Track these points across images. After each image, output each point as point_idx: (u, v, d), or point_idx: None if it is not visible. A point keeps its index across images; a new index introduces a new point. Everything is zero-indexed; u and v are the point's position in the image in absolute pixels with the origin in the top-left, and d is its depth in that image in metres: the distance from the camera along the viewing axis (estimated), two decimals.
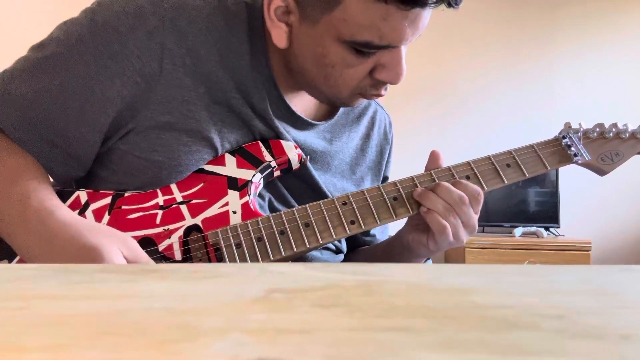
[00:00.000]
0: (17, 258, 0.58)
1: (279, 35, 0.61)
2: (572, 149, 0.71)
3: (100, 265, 0.48)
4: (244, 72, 0.65)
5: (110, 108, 0.60)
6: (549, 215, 2.76)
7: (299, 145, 0.69)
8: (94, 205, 0.61)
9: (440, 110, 3.04)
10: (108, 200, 0.61)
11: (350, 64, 0.60)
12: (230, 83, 0.64)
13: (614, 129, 0.73)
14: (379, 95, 0.65)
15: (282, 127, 0.68)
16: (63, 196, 0.60)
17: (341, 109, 0.77)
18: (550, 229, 2.74)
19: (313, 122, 0.72)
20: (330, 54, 0.59)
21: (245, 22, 0.66)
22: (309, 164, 0.70)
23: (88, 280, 0.24)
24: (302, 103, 0.72)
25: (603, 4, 3.03)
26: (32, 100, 0.59)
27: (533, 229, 2.67)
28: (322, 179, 0.72)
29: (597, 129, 0.73)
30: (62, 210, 0.55)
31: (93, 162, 0.64)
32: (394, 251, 0.73)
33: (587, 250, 2.50)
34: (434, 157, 0.69)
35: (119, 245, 0.53)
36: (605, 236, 2.90)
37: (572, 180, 2.75)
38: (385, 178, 0.85)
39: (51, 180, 0.63)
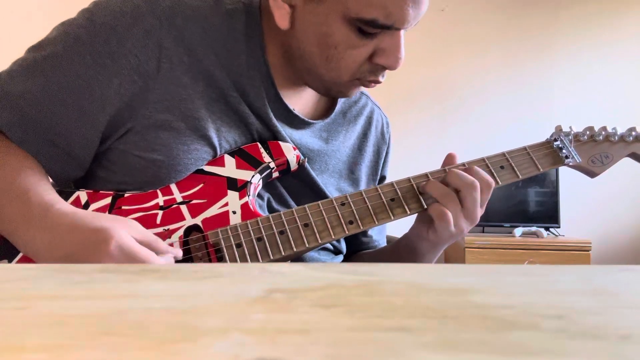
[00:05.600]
0: (17, 258, 0.59)
1: (281, 16, 0.62)
2: (564, 151, 0.72)
3: (100, 265, 0.48)
4: (241, 70, 0.66)
5: (109, 107, 0.60)
6: (549, 215, 2.76)
7: (295, 144, 0.69)
8: (94, 206, 0.61)
9: (440, 111, 3.04)
10: (108, 200, 0.61)
11: (353, 44, 0.60)
12: (227, 81, 0.65)
13: (603, 132, 0.74)
14: (377, 81, 0.65)
15: (279, 125, 0.68)
16: (63, 196, 0.60)
17: (337, 108, 0.77)
18: (550, 229, 2.74)
19: (310, 120, 0.72)
20: (335, 33, 0.60)
21: (242, 20, 0.66)
22: (307, 164, 0.70)
23: (88, 280, 0.24)
24: (299, 102, 0.72)
25: (603, 5, 3.03)
26: (31, 100, 0.59)
27: (533, 229, 2.67)
28: (320, 179, 0.72)
29: (587, 132, 0.75)
30: (61, 204, 0.55)
31: (92, 162, 0.64)
32: (400, 254, 0.74)
33: (587, 250, 2.50)
34: (451, 159, 0.69)
35: (126, 228, 0.53)
36: (605, 236, 2.90)
37: (572, 180, 2.75)
38: (383, 178, 0.85)
39: (50, 181, 0.63)
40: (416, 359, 0.14)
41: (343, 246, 0.78)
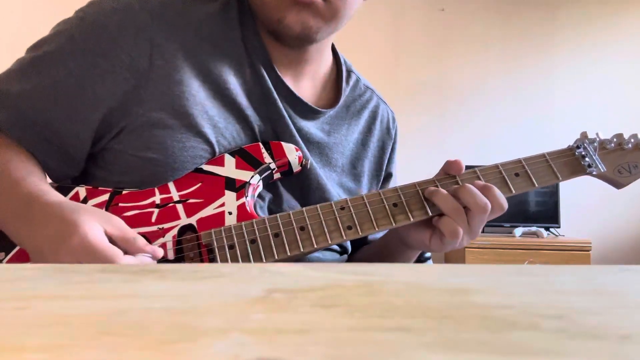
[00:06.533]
0: (14, 251, 0.59)
1: None
2: (587, 159, 0.68)
3: (100, 265, 0.48)
4: (240, 57, 0.66)
5: (102, 105, 0.60)
6: (549, 215, 2.76)
7: (297, 130, 0.69)
8: (92, 202, 0.61)
9: (440, 110, 3.04)
10: (106, 197, 0.61)
11: None
12: (224, 74, 0.64)
13: (632, 140, 0.70)
14: None
15: (284, 109, 0.68)
16: (62, 191, 0.60)
17: (341, 102, 0.76)
18: (550, 229, 2.74)
19: (317, 108, 0.71)
20: None
21: (235, 7, 0.67)
22: (312, 161, 0.70)
23: (88, 280, 0.24)
24: (300, 91, 0.71)
25: (603, 5, 3.03)
26: (26, 98, 0.60)
27: (533, 229, 2.67)
28: (321, 172, 0.71)
29: (615, 140, 0.70)
30: (49, 195, 0.55)
31: (89, 162, 0.64)
32: (390, 246, 0.73)
33: (587, 250, 2.50)
34: (458, 167, 0.65)
35: (102, 222, 0.51)
36: (605, 236, 2.90)
37: (572, 180, 2.75)
38: (389, 175, 0.83)
39: (49, 180, 0.64)
40: (416, 359, 0.14)
41: (349, 245, 0.77)
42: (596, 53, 3.02)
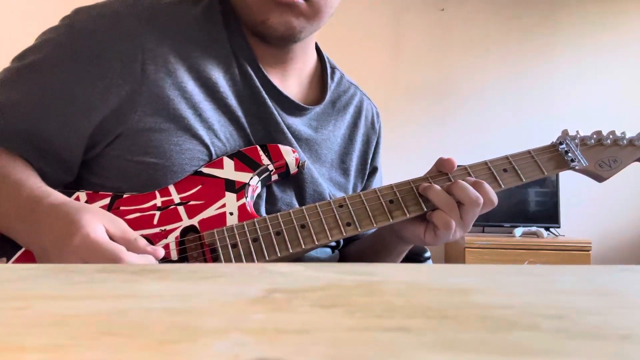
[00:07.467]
0: (16, 256, 0.59)
1: None
2: (569, 154, 0.71)
3: (100, 265, 0.48)
4: (228, 58, 0.66)
5: (94, 112, 0.60)
6: (549, 215, 2.76)
7: (287, 127, 0.70)
8: (94, 206, 0.61)
9: (440, 111, 3.04)
10: (107, 201, 0.61)
11: None
12: (215, 75, 0.65)
13: (611, 136, 0.73)
14: None
15: (273, 106, 0.69)
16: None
17: (327, 98, 0.77)
18: (550, 229, 2.74)
19: (304, 105, 0.72)
20: None
21: (219, 10, 0.67)
22: (308, 163, 0.70)
23: (88, 280, 0.24)
24: (286, 90, 0.72)
25: (603, 6, 3.03)
26: (14, 107, 0.60)
27: (533, 229, 2.68)
28: (313, 167, 0.72)
29: (595, 136, 0.74)
30: (53, 196, 0.55)
31: (83, 169, 0.64)
32: (385, 239, 0.74)
33: (587, 250, 2.50)
34: (450, 165, 0.67)
35: (105, 222, 0.52)
36: (605, 236, 2.90)
37: (572, 180, 2.75)
38: (375, 169, 0.84)
39: None
40: (416, 359, 0.14)
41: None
42: (596, 54, 3.02)
